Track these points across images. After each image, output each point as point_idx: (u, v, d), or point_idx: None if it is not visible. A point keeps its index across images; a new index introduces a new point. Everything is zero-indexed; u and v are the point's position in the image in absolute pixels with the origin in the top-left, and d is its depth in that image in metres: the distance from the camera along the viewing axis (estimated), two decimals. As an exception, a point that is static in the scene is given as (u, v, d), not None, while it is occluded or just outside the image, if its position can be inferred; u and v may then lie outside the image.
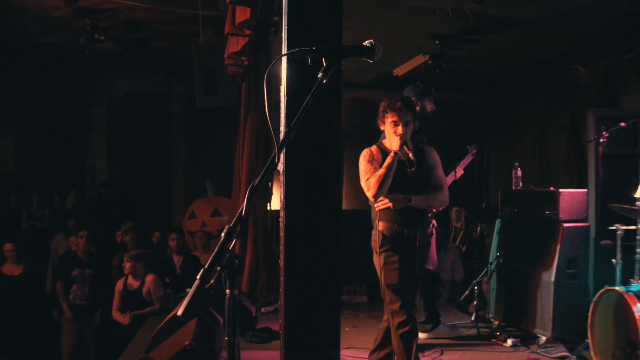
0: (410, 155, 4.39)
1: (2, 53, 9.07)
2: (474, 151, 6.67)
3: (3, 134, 10.61)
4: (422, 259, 4.71)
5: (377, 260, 4.51)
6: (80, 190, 10.51)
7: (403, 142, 4.41)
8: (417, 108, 6.07)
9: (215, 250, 1.97)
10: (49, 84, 10.21)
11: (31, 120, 10.51)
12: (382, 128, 4.59)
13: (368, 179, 4.43)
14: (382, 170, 4.36)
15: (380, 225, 4.52)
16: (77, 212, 9.58)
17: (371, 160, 4.54)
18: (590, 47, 8.21)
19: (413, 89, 6.10)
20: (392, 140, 4.47)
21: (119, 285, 6.99)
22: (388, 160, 4.39)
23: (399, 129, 4.44)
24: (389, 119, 4.46)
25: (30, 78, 10.16)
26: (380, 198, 4.43)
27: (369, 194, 4.41)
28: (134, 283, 6.92)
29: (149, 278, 6.93)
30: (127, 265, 6.88)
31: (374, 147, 4.65)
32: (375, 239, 4.54)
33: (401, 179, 4.45)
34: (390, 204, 4.42)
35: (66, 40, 8.40)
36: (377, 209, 4.52)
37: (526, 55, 8.83)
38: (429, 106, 6.12)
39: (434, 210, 5.87)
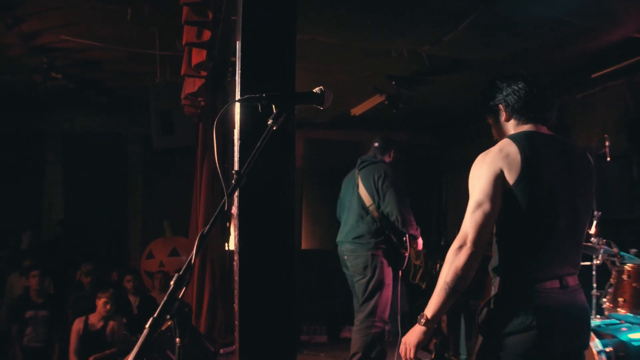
0: None
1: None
2: None
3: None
4: None
5: None
6: (36, 229, 10.31)
7: None
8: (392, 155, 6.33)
9: (165, 298, 1.95)
10: (3, 122, 10.06)
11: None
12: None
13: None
14: None
15: None
16: (32, 252, 9.39)
17: None
18: (542, 86, 8.39)
19: (383, 139, 6.37)
20: None
21: (78, 325, 6.69)
22: None
23: None
24: None
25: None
26: None
27: None
28: (97, 324, 6.71)
29: (113, 319, 6.77)
30: (107, 307, 6.67)
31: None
32: None
33: None
34: None
35: (21, 78, 8.31)
36: None
37: (480, 95, 8.99)
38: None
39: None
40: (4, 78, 8.54)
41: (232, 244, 7.97)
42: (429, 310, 2.68)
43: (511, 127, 2.97)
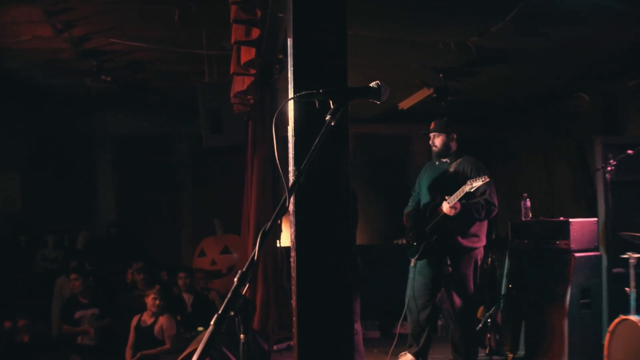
0: None
1: (9, 94, 9.17)
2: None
3: (10, 175, 10.62)
4: None
5: None
6: (90, 229, 10.51)
7: None
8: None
9: (229, 295, 1.96)
10: (56, 125, 10.29)
11: (38, 160, 10.56)
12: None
13: None
14: None
15: None
16: (87, 253, 9.57)
17: None
18: (592, 75, 8.23)
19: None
20: None
21: (134, 322, 6.89)
22: None
23: None
24: None
25: (36, 118, 10.24)
26: None
27: None
28: (147, 320, 6.83)
29: (163, 316, 6.87)
30: (157, 302, 6.78)
31: None
32: None
33: None
34: None
35: (72, 82, 8.48)
36: None
37: (528, 86, 8.86)
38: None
39: None
40: (55, 82, 8.72)
41: (283, 241, 8.00)
42: None
43: None
